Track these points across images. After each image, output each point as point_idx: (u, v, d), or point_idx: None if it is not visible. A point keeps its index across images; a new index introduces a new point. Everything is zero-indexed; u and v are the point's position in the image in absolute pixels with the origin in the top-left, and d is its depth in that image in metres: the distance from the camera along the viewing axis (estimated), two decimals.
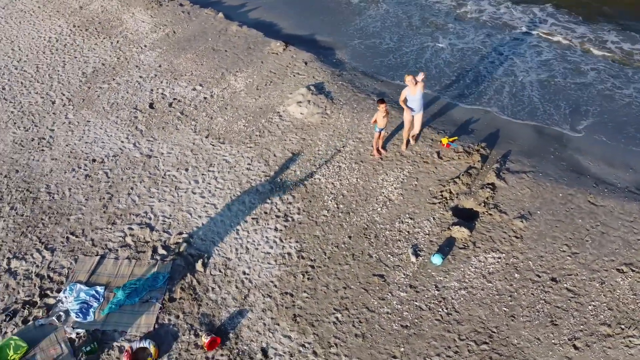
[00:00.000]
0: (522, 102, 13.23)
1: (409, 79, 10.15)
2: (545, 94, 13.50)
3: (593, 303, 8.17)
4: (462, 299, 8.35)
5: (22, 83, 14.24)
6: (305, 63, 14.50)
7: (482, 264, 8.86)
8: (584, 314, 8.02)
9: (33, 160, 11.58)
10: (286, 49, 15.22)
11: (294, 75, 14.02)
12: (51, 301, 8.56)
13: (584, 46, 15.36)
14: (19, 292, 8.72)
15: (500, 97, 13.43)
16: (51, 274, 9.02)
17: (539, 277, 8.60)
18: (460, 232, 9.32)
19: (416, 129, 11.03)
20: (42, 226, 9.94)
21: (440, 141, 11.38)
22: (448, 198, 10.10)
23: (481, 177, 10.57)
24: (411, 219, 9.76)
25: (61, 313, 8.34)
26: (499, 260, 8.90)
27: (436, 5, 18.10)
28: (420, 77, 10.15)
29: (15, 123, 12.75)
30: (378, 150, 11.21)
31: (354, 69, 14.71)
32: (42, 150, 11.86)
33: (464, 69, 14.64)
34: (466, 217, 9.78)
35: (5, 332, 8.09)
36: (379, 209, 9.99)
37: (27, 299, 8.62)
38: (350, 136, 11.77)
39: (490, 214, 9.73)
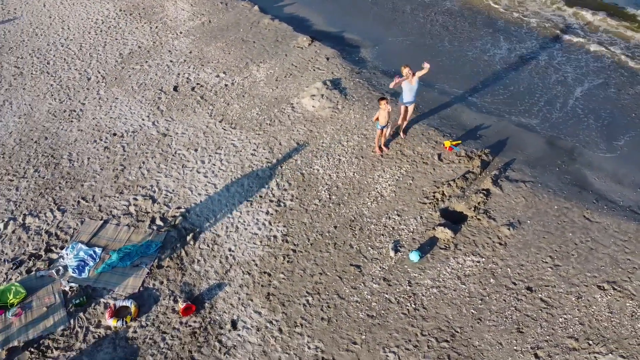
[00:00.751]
0: (545, 114, 13.00)
1: (406, 70, 10.42)
2: (574, 106, 13.20)
3: (565, 316, 8.07)
4: (432, 296, 8.47)
5: (65, 59, 15.42)
6: (327, 59, 14.86)
7: (460, 265, 8.92)
8: (552, 325, 7.95)
9: (62, 129, 12.59)
10: (312, 44, 15.63)
11: (314, 70, 14.40)
12: (54, 256, 9.39)
13: (634, 59, 14.83)
14: (28, 245, 9.62)
15: (523, 107, 13.25)
16: (58, 232, 9.87)
17: (515, 284, 8.57)
18: (443, 233, 9.41)
19: (406, 120, 11.60)
20: (58, 189, 10.85)
21: (443, 144, 11.43)
22: (439, 199, 10.18)
23: (478, 182, 10.56)
24: (399, 215, 9.92)
25: (60, 267, 9.15)
26: (478, 264, 8.93)
27: (482, 10, 17.96)
28: (427, 67, 10.32)
29: (52, 95, 13.86)
30: (380, 147, 11.42)
31: (375, 68, 14.90)
32: (71, 121, 12.86)
33: (495, 75, 14.52)
34: (454, 220, 9.84)
35: (10, 279, 8.98)
36: (369, 204, 10.22)
37: (34, 251, 9.49)
38: (356, 132, 12.03)
39: (479, 219, 9.74)
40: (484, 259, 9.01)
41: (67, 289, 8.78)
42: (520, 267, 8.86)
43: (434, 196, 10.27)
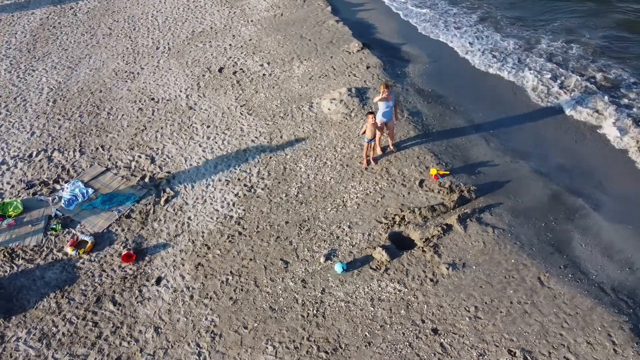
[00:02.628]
0: (567, 168, 11.95)
1: (383, 89, 10.64)
2: (602, 168, 12.00)
3: None
4: (336, 309, 8.64)
5: (148, 28, 17.64)
6: (367, 67, 15.11)
7: (379, 289, 8.92)
8: None
9: (115, 87, 14.63)
10: (361, 50, 15.96)
11: (349, 76, 14.78)
12: (57, 187, 11.23)
13: None
14: (44, 173, 11.59)
15: (546, 156, 12.34)
16: (70, 169, 11.72)
17: (423, 322, 8.38)
18: (380, 255, 9.42)
19: (392, 137, 11.78)
20: (88, 135, 12.78)
21: (429, 171, 11.23)
22: (396, 222, 10.14)
23: (446, 216, 10.27)
24: (349, 227, 10.11)
25: (57, 197, 10.93)
26: (398, 292, 8.85)
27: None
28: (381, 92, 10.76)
29: (123, 57, 16.06)
30: (368, 160, 11.57)
31: (412, 85, 14.80)
32: (126, 81, 14.85)
33: (528, 118, 13.67)
34: (402, 246, 9.76)
35: (19, 196, 10.96)
36: (329, 209, 10.52)
37: (45, 180, 11.43)
38: (356, 141, 12.26)
39: (424, 251, 9.56)
40: (406, 290, 8.90)
41: (52, 215, 10.50)
42: (438, 307, 8.61)
43: (393, 218, 10.25)
